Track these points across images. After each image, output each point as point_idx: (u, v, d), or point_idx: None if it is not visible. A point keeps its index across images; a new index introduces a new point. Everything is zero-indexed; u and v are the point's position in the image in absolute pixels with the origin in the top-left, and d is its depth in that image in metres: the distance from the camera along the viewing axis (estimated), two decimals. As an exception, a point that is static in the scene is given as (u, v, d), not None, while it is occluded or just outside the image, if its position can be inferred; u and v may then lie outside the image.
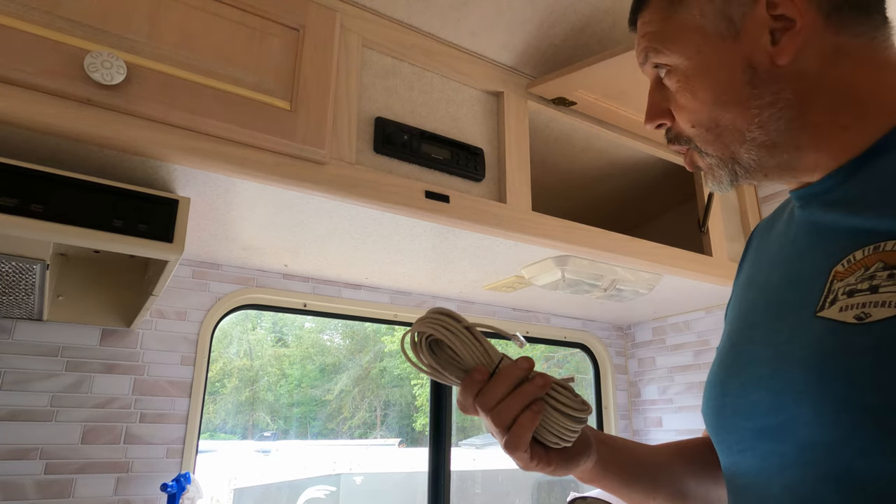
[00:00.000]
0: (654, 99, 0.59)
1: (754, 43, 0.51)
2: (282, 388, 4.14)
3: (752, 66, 0.51)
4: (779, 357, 0.48)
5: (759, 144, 0.52)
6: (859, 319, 0.42)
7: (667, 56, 0.56)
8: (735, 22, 0.52)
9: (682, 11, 0.55)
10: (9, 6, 0.78)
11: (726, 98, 0.53)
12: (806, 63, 0.50)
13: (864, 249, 0.44)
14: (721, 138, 0.54)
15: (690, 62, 0.54)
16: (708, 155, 0.56)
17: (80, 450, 1.19)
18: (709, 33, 0.53)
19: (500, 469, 3.65)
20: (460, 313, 0.58)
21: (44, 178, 0.80)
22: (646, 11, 0.59)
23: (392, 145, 1.08)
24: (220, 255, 1.37)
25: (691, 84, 0.55)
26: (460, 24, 1.19)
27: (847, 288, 0.44)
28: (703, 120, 0.54)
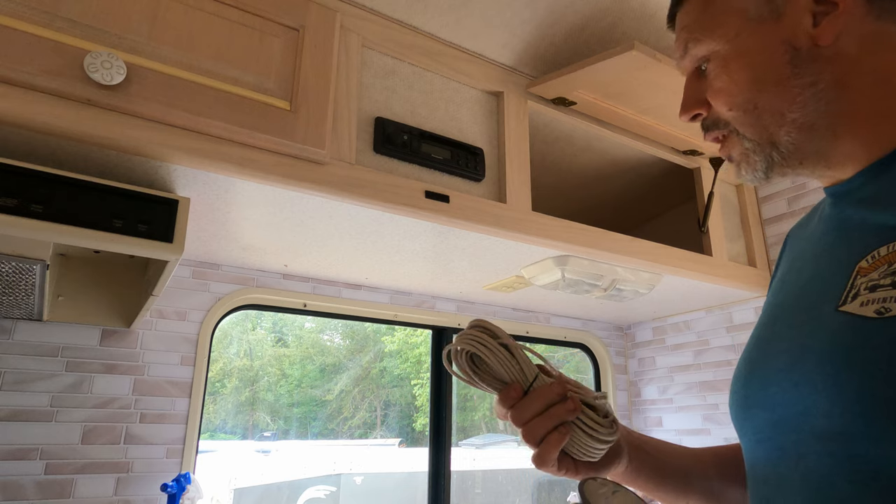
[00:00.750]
0: (690, 91, 0.60)
1: (795, 25, 0.52)
2: (282, 389, 4.14)
3: (794, 46, 0.52)
4: (798, 350, 0.48)
5: (798, 126, 0.52)
6: (879, 314, 0.42)
7: (706, 44, 0.56)
8: (778, 4, 0.53)
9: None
10: (9, 6, 0.78)
11: (766, 77, 0.53)
12: (847, 46, 0.51)
13: (889, 245, 0.45)
14: (760, 120, 0.54)
15: (730, 45, 0.55)
16: (746, 139, 0.55)
17: (80, 450, 1.19)
18: (750, 16, 0.54)
19: (500, 469, 3.65)
20: (498, 325, 0.61)
21: (44, 178, 0.80)
22: (685, 4, 0.59)
23: (392, 145, 1.08)
24: (220, 255, 1.37)
25: (729, 66, 0.55)
26: (460, 24, 1.19)
27: (870, 283, 0.44)
28: (740, 101, 0.54)
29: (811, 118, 0.51)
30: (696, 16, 0.58)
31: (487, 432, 4.17)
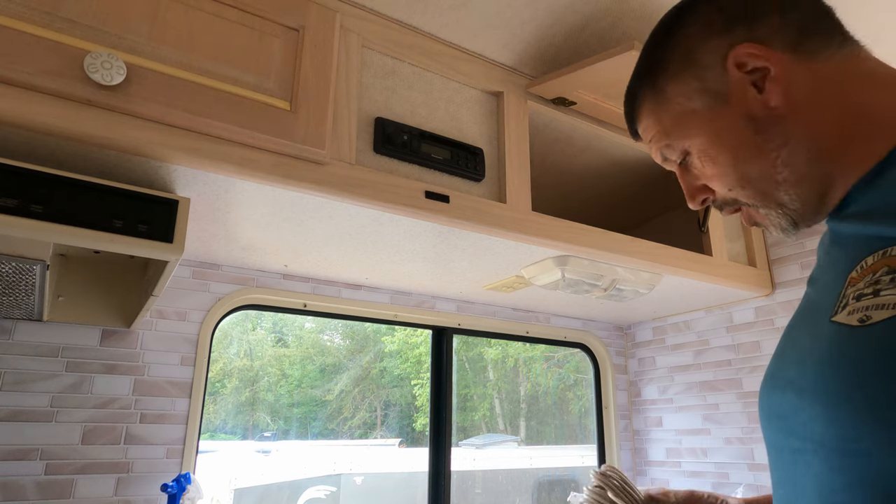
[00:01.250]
0: (687, 182, 0.64)
1: (744, 100, 0.55)
2: (282, 389, 4.14)
3: (752, 117, 0.55)
4: (802, 360, 0.51)
5: (792, 183, 0.55)
6: (862, 322, 0.44)
7: (678, 145, 0.61)
8: (717, 92, 0.57)
9: (670, 104, 0.60)
10: (9, 6, 0.78)
11: (743, 153, 0.56)
12: (796, 97, 0.54)
13: (874, 255, 0.47)
14: (758, 189, 0.57)
15: (700, 139, 0.59)
16: (758, 207, 0.59)
17: (80, 450, 1.19)
18: (701, 110, 0.58)
19: (500, 469, 3.65)
20: (626, 476, 0.75)
21: (44, 178, 0.80)
22: (642, 122, 0.65)
23: (392, 145, 1.08)
24: (220, 256, 1.37)
25: (710, 155, 0.59)
26: (460, 24, 1.19)
27: (857, 292, 0.47)
28: (734, 180, 0.58)
29: (800, 171, 0.55)
30: (656, 129, 0.63)
31: (487, 432, 4.17)
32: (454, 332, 1.80)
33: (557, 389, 3.72)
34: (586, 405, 2.37)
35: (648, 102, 0.63)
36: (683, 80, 0.59)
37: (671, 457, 1.89)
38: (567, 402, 3.77)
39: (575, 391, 3.47)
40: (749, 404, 1.69)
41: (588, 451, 2.15)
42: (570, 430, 3.67)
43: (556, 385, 3.96)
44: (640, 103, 0.64)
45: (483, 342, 3.78)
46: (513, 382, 4.39)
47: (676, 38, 0.61)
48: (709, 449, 1.78)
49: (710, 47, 0.58)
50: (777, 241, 1.70)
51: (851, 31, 0.57)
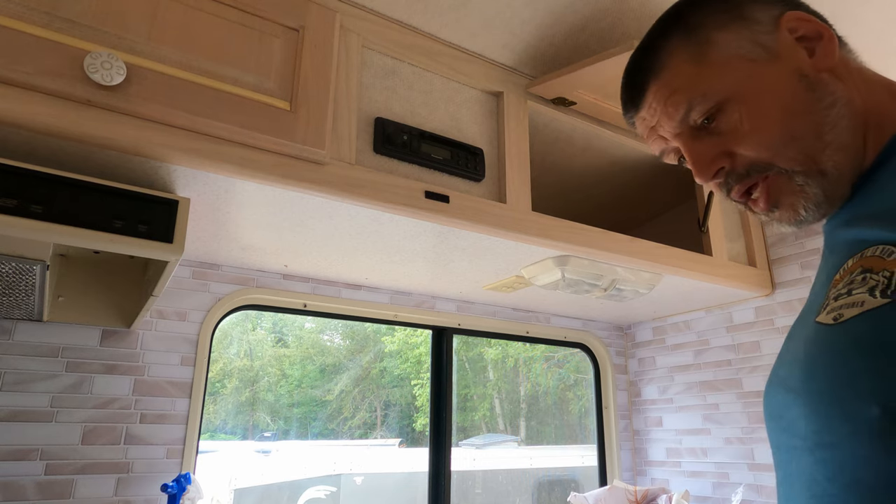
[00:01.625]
0: (700, 149, 0.57)
1: (795, 59, 0.54)
2: (282, 389, 4.14)
3: (804, 74, 0.54)
4: (792, 360, 0.53)
5: (836, 148, 0.52)
6: (835, 320, 0.46)
7: (717, 93, 0.55)
8: (769, 47, 0.55)
9: (718, 49, 0.56)
10: (9, 6, 0.78)
11: (794, 107, 0.53)
12: (838, 71, 0.55)
13: (854, 257, 0.49)
14: (803, 148, 0.53)
15: (746, 86, 0.54)
16: (795, 173, 0.53)
17: (80, 450, 1.19)
18: (754, 58, 0.55)
19: (500, 469, 3.65)
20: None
21: (44, 178, 0.80)
22: (664, 73, 0.58)
23: (392, 145, 1.08)
24: (220, 256, 1.37)
25: (755, 106, 0.54)
26: (460, 24, 1.19)
27: (836, 293, 0.48)
28: (777, 137, 0.53)
29: (844, 138, 0.53)
30: (691, 75, 0.56)
31: (487, 432, 4.17)
32: (454, 332, 1.80)
33: (557, 389, 3.72)
34: (586, 405, 2.37)
35: (682, 51, 0.57)
36: (734, 30, 0.56)
37: (671, 457, 1.89)
38: (567, 402, 3.77)
39: (575, 391, 3.47)
40: (749, 404, 1.69)
41: (588, 451, 2.15)
42: (571, 430, 3.67)
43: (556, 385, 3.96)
44: (667, 52, 0.58)
45: (483, 342, 3.78)
46: (513, 382, 4.39)
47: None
48: (709, 449, 1.78)
49: (760, 6, 0.56)
50: (777, 240, 1.70)
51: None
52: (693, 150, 0.58)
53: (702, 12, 0.58)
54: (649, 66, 0.59)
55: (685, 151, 0.58)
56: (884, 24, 1.17)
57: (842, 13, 1.14)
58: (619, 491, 1.74)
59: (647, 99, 0.60)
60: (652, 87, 0.59)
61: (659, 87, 0.58)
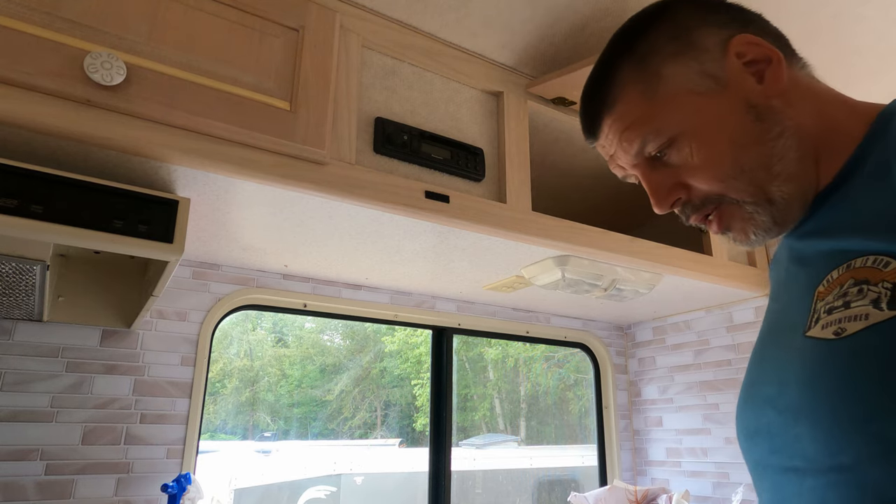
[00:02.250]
0: (657, 180, 0.58)
1: (743, 88, 0.54)
2: (282, 389, 4.14)
3: (752, 104, 0.54)
4: (781, 378, 0.51)
5: (785, 178, 0.53)
6: (837, 335, 0.45)
7: (667, 130, 0.56)
8: (717, 76, 0.55)
9: (667, 84, 0.56)
10: (9, 7, 0.78)
11: (743, 139, 0.54)
12: (787, 95, 0.54)
13: (838, 269, 0.48)
14: (752, 180, 0.54)
15: (696, 121, 0.55)
16: (745, 202, 0.55)
17: (80, 450, 1.19)
18: (701, 92, 0.55)
19: (500, 469, 3.65)
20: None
21: (44, 178, 0.80)
22: (618, 106, 0.58)
23: (392, 145, 1.08)
24: (220, 256, 1.37)
25: (705, 140, 0.55)
26: (460, 24, 1.19)
27: (827, 306, 0.47)
28: (727, 169, 0.54)
29: (791, 166, 0.53)
30: (643, 110, 0.57)
31: (487, 432, 4.17)
32: (454, 332, 1.80)
33: (557, 389, 3.72)
34: (586, 405, 2.37)
35: (634, 84, 0.58)
36: (682, 62, 0.56)
37: (671, 457, 1.89)
38: (567, 402, 3.77)
39: (575, 391, 3.47)
40: (749, 404, 1.69)
41: (588, 451, 2.15)
42: (571, 430, 3.67)
43: (556, 385, 3.96)
44: (620, 84, 0.58)
45: (483, 342, 3.78)
46: (513, 382, 4.39)
47: (671, 21, 0.58)
48: (709, 449, 1.78)
49: (708, 32, 0.56)
50: (777, 240, 1.70)
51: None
52: (650, 181, 0.59)
53: (651, 40, 0.58)
54: (603, 99, 0.60)
55: (643, 182, 0.60)
56: (884, 24, 1.17)
57: (842, 11, 1.14)
58: (619, 491, 1.74)
59: (603, 130, 0.61)
60: (607, 120, 0.60)
61: (613, 120, 0.59)
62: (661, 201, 0.58)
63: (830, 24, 1.16)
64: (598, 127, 0.61)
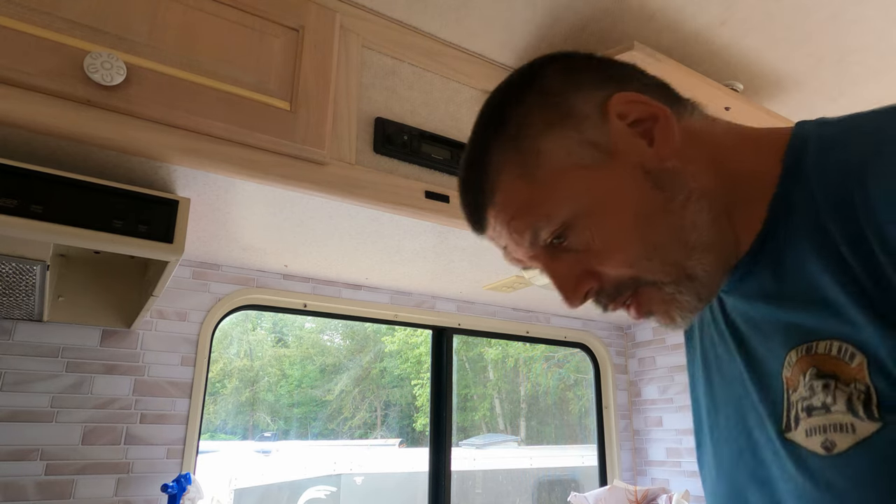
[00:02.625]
0: (562, 270, 0.50)
1: (633, 152, 0.47)
2: (282, 389, 4.14)
3: (648, 171, 0.47)
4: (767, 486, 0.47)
5: (702, 249, 0.47)
6: (827, 450, 0.40)
7: (559, 213, 0.48)
8: (601, 144, 0.48)
9: (547, 160, 0.48)
10: (8, 7, 0.78)
11: (647, 211, 0.47)
12: (683, 152, 0.48)
13: (797, 350, 0.43)
14: (669, 259, 0.47)
15: (588, 198, 0.47)
16: (663, 284, 0.48)
17: (80, 450, 1.19)
18: (587, 164, 0.47)
19: (500, 469, 3.65)
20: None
21: (44, 178, 0.80)
22: (498, 195, 0.50)
23: (392, 145, 1.08)
24: (220, 256, 1.37)
25: (604, 219, 0.47)
26: (460, 24, 1.19)
27: (804, 403, 0.42)
28: (637, 249, 0.47)
29: (707, 234, 0.47)
30: (525, 194, 0.49)
31: (487, 432, 4.17)
32: (454, 332, 1.80)
33: (557, 389, 3.72)
34: (586, 405, 2.37)
35: (511, 166, 0.49)
36: (559, 134, 0.48)
37: (671, 456, 1.89)
38: (567, 402, 3.77)
39: (575, 391, 3.47)
40: (749, 404, 1.69)
41: (588, 451, 2.15)
42: (571, 430, 3.68)
43: (557, 385, 3.97)
44: (496, 169, 0.50)
45: (483, 342, 3.78)
46: (513, 382, 4.39)
47: (540, 88, 0.51)
48: (709, 449, 1.78)
49: (583, 97, 0.49)
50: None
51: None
52: (555, 273, 0.51)
53: (522, 113, 0.50)
54: (481, 188, 0.52)
55: (547, 274, 0.52)
56: (884, 23, 1.17)
57: (842, 11, 1.14)
58: (619, 491, 1.74)
59: (489, 221, 0.53)
60: (490, 211, 0.52)
61: (497, 211, 0.51)
62: (571, 295, 0.50)
63: (830, 24, 1.16)
64: (482, 219, 0.53)
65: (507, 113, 0.51)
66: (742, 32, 1.18)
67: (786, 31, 1.18)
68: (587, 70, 0.52)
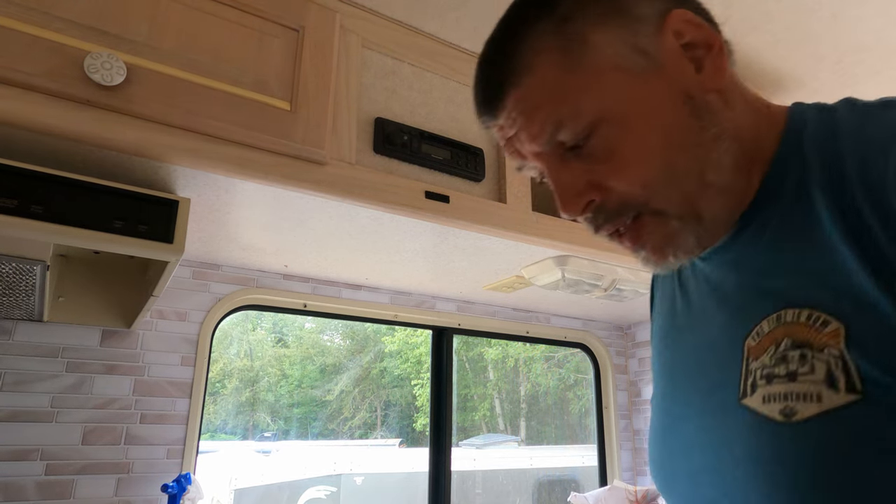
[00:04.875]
0: (566, 178, 0.47)
1: (680, 73, 0.45)
2: (282, 389, 4.14)
3: (690, 96, 0.44)
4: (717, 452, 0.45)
5: (717, 190, 0.45)
6: (786, 416, 0.39)
7: (589, 112, 0.44)
8: (651, 54, 0.44)
9: (593, 54, 0.45)
10: (8, 7, 0.78)
11: (678, 136, 0.44)
12: (726, 91, 0.46)
13: (768, 320, 0.42)
14: (683, 190, 0.44)
15: (623, 107, 0.44)
16: (671, 216, 0.45)
17: (80, 450, 1.19)
18: (632, 70, 0.44)
19: (500, 469, 3.65)
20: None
21: (44, 178, 0.80)
22: (527, 78, 0.46)
23: (392, 145, 1.08)
24: (220, 256, 1.37)
25: (632, 131, 0.44)
26: (460, 24, 1.19)
27: (764, 371, 0.41)
28: (656, 171, 0.44)
29: (724, 180, 0.45)
30: (561, 85, 0.45)
31: (487, 432, 4.17)
32: (454, 332, 1.80)
33: (557, 389, 3.72)
34: (586, 405, 2.37)
35: (552, 51, 0.45)
36: (612, 29, 0.45)
37: (671, 457, 1.89)
38: (567, 402, 3.77)
39: (575, 391, 3.48)
40: (749, 404, 1.68)
41: (588, 451, 2.15)
42: (571, 430, 3.68)
43: (557, 385, 3.96)
44: (531, 48, 0.46)
45: (483, 342, 3.78)
46: (513, 382, 4.39)
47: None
48: (709, 449, 1.78)
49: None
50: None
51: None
52: (559, 178, 0.47)
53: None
54: (509, 65, 0.47)
55: (549, 178, 0.48)
56: (884, 23, 1.17)
57: (842, 11, 1.14)
58: (620, 491, 1.74)
59: (506, 106, 0.47)
60: (512, 94, 0.47)
61: (521, 96, 0.46)
62: (570, 204, 0.47)
63: (830, 24, 1.16)
64: (498, 101, 0.48)
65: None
66: (742, 32, 1.18)
67: (786, 31, 1.18)
68: None
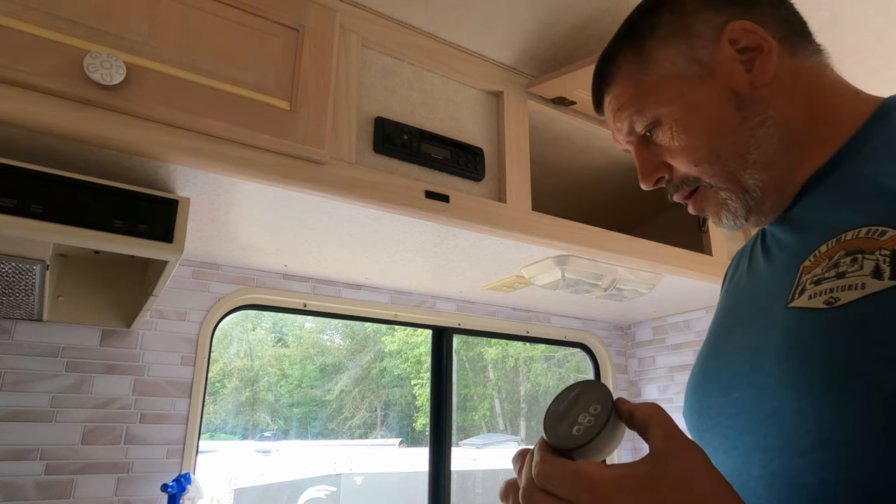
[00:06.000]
0: (645, 158, 0.62)
1: (730, 75, 0.56)
2: (282, 389, 4.14)
3: (736, 93, 0.55)
4: (756, 352, 0.49)
5: (760, 167, 0.55)
6: (829, 304, 0.43)
7: (652, 111, 0.59)
8: (705, 62, 0.57)
9: (654, 68, 0.59)
10: (8, 6, 0.78)
11: (720, 127, 0.56)
12: (778, 84, 0.55)
13: (827, 243, 0.47)
14: (726, 167, 0.56)
15: (677, 106, 0.58)
16: (720, 189, 0.57)
17: (80, 450, 1.19)
18: (686, 77, 0.57)
19: (500, 469, 3.65)
20: None
21: (44, 178, 0.80)
22: (614, 87, 0.63)
23: (392, 145, 1.08)
24: (220, 256, 1.37)
25: (684, 125, 0.57)
26: (460, 24, 1.19)
27: (814, 278, 0.46)
28: (704, 155, 0.57)
29: (769, 156, 0.55)
30: (632, 92, 0.60)
31: (487, 432, 4.17)
32: (454, 332, 1.80)
33: (557, 389, 3.71)
34: (586, 405, 2.37)
35: (629, 65, 0.61)
36: (673, 45, 0.58)
37: (671, 456, 1.89)
38: (567, 402, 3.75)
39: (575, 391, 3.46)
40: (749, 404, 1.69)
41: (588, 450, 2.15)
42: (571, 430, 3.67)
43: (557, 385, 3.96)
44: (618, 65, 0.62)
45: (483, 342, 3.78)
46: (513, 382, 4.39)
47: (672, 4, 0.60)
48: (709, 449, 1.78)
49: (705, 17, 0.58)
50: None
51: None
52: (639, 157, 0.63)
53: (651, 23, 0.61)
54: (604, 76, 0.64)
55: (634, 157, 0.64)
56: (884, 23, 1.17)
57: (842, 11, 1.14)
58: (620, 491, 1.74)
59: (606, 104, 0.65)
60: (606, 97, 0.65)
61: (610, 99, 0.64)
62: (646, 177, 0.63)
63: (830, 23, 1.16)
64: (600, 102, 0.66)
65: (640, 21, 0.62)
66: (742, 32, 1.18)
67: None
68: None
